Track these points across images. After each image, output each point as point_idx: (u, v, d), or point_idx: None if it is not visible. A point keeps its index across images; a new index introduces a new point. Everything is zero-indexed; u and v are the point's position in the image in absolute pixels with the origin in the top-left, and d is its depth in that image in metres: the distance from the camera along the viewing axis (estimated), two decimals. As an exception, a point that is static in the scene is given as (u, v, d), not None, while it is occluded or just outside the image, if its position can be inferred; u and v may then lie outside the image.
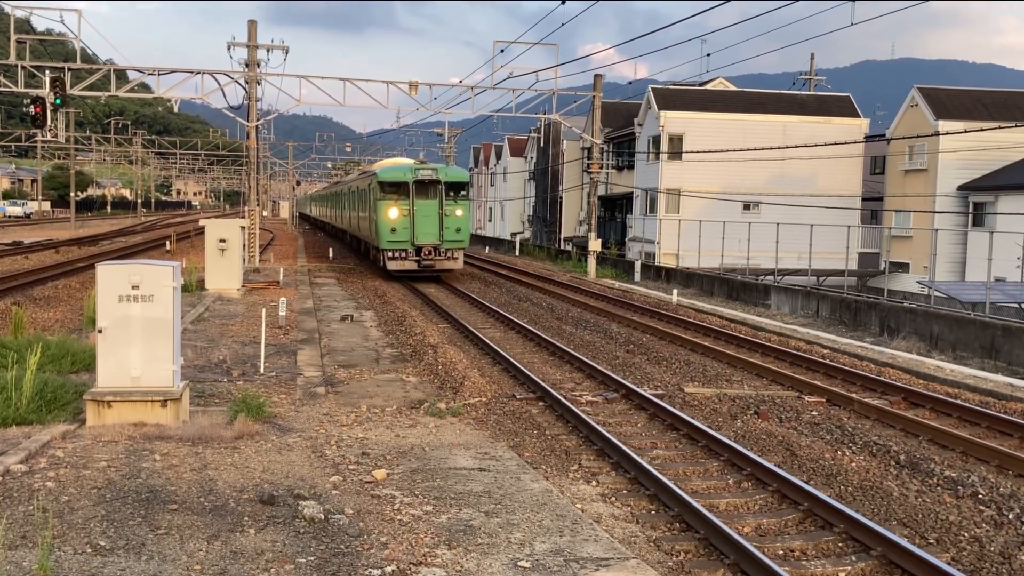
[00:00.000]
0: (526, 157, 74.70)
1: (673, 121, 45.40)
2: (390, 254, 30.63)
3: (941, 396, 14.03)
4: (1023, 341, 17.55)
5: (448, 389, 13.74)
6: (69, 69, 29.37)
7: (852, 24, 22.30)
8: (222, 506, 7.52)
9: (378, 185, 31.15)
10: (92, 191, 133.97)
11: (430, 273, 31.21)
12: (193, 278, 25.44)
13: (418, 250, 30.55)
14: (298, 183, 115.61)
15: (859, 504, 9.17)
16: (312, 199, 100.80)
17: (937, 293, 28.06)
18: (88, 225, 73.04)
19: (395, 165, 35.26)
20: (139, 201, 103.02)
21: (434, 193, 30.65)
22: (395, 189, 30.72)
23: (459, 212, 30.85)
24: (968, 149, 39.18)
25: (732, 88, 52.53)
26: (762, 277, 34.44)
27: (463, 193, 31.46)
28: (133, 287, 9.90)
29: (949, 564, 7.56)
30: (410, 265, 30.66)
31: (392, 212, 30.32)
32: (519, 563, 6.56)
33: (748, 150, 38.27)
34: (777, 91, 52.87)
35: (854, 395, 14.08)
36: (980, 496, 9.32)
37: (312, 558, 6.51)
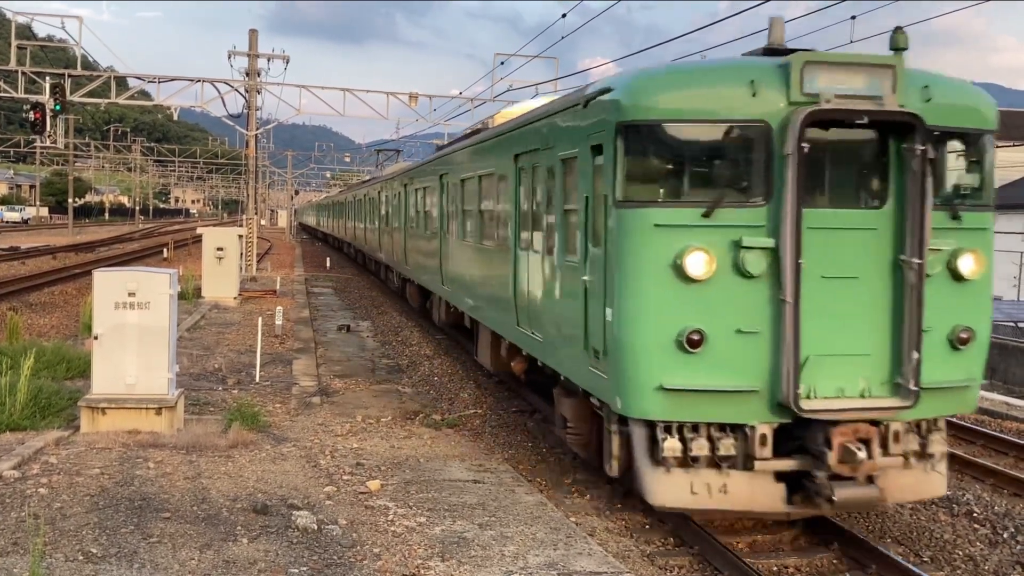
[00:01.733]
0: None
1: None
2: (666, 442, 7.19)
3: (937, 414, 13.99)
4: (1019, 360, 17.57)
5: (444, 401, 13.72)
6: (69, 75, 29.47)
7: (851, 42, 22.39)
8: (215, 515, 7.50)
9: (636, 134, 7.29)
10: (90, 198, 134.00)
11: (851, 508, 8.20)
12: (190, 286, 25.38)
13: (797, 426, 7.19)
14: (297, 192, 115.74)
15: (853, 521, 9.15)
16: (320, 208, 70.08)
17: (933, 311, 28.04)
18: (86, 232, 73.00)
19: (685, 65, 8.28)
20: (137, 208, 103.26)
21: (881, 187, 7.49)
22: (705, 158, 7.62)
23: (970, 266, 7.96)
24: (965, 168, 39.26)
25: (731, 104, 52.56)
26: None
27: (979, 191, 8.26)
28: (130, 294, 9.90)
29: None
30: (765, 499, 7.34)
31: (693, 264, 6.97)
32: (512, 576, 6.55)
33: (746, 166, 38.23)
34: (776, 107, 52.96)
35: (850, 412, 14.02)
36: (975, 515, 9.31)
37: (305, 568, 6.49)
